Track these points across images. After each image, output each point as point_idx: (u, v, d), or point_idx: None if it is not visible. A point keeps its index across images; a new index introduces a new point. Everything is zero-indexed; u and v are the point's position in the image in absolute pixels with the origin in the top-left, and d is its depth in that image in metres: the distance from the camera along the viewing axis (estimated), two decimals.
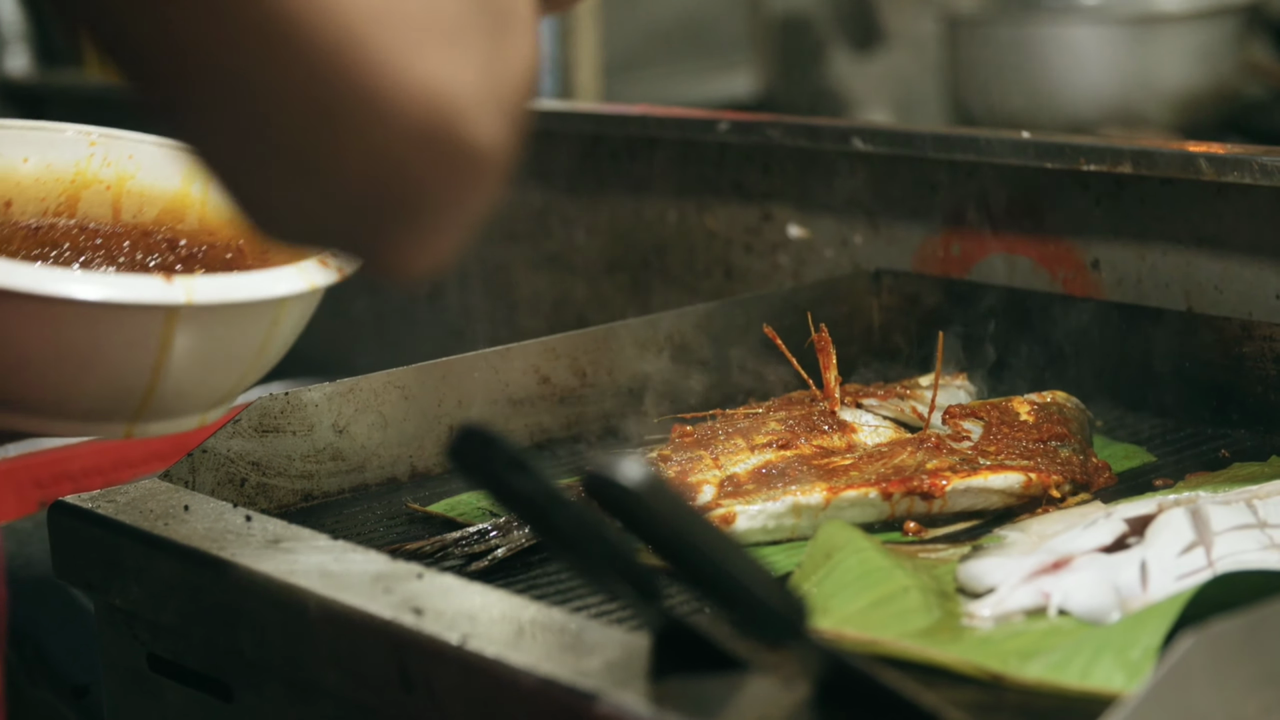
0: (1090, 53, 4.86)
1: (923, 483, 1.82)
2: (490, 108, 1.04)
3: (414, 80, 1.01)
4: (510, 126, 1.06)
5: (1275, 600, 1.34)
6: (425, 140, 1.01)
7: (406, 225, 1.05)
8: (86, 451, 2.72)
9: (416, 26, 1.02)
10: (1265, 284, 2.05)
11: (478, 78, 1.04)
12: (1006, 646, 1.53)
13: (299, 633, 1.58)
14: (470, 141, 1.03)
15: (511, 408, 2.10)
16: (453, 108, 1.02)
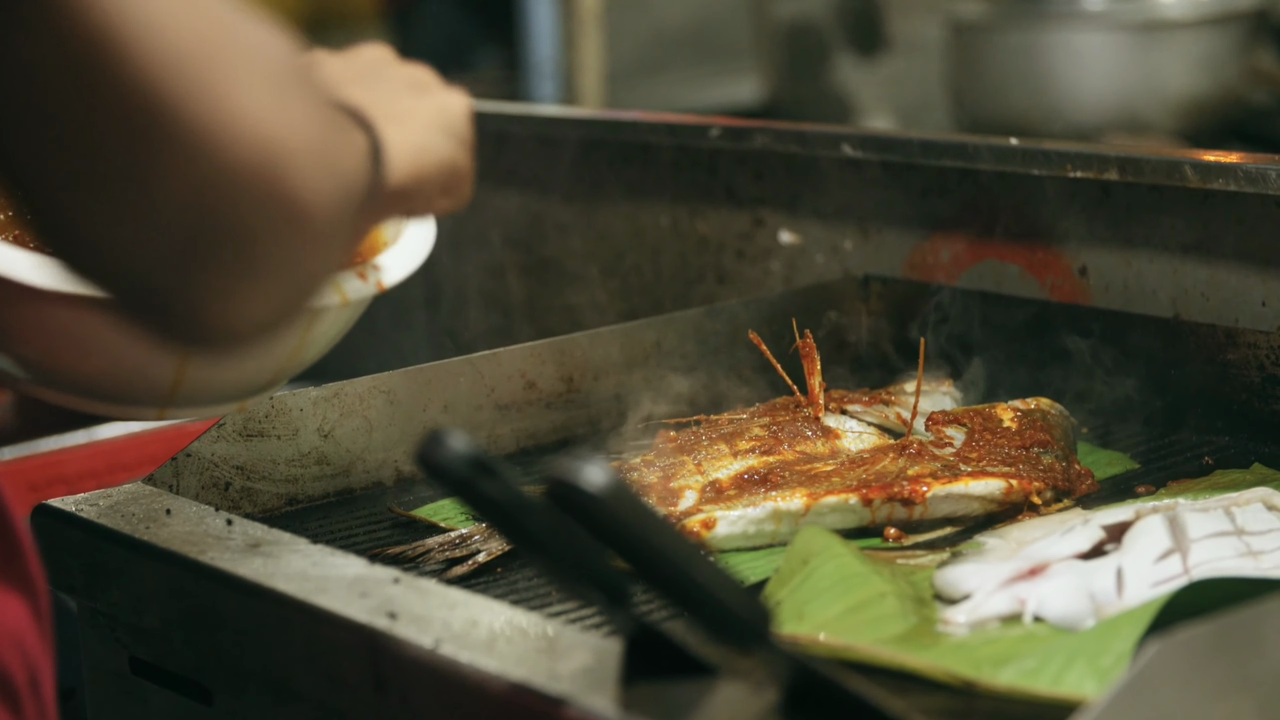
0: (1095, 59, 4.85)
1: (903, 489, 1.83)
2: (321, 167, 1.02)
3: (244, 120, 0.99)
4: (341, 190, 1.05)
5: (1245, 607, 1.34)
6: (249, 182, 0.99)
7: (221, 272, 1.02)
8: (81, 455, 2.72)
9: (254, 69, 1.01)
10: (1251, 291, 2.05)
11: (312, 133, 1.03)
12: (980, 653, 1.53)
13: (276, 636, 1.59)
14: (295, 192, 1.01)
15: (498, 413, 2.11)
16: (281, 154, 1.00)
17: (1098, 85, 4.84)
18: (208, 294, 1.03)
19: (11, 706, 1.28)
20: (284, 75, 1.04)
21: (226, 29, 1.02)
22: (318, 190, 1.03)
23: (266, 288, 1.04)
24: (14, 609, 1.30)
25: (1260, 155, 2.01)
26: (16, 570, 1.30)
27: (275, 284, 1.05)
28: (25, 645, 1.30)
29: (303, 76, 1.06)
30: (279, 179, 1.01)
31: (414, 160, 1.34)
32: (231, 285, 1.03)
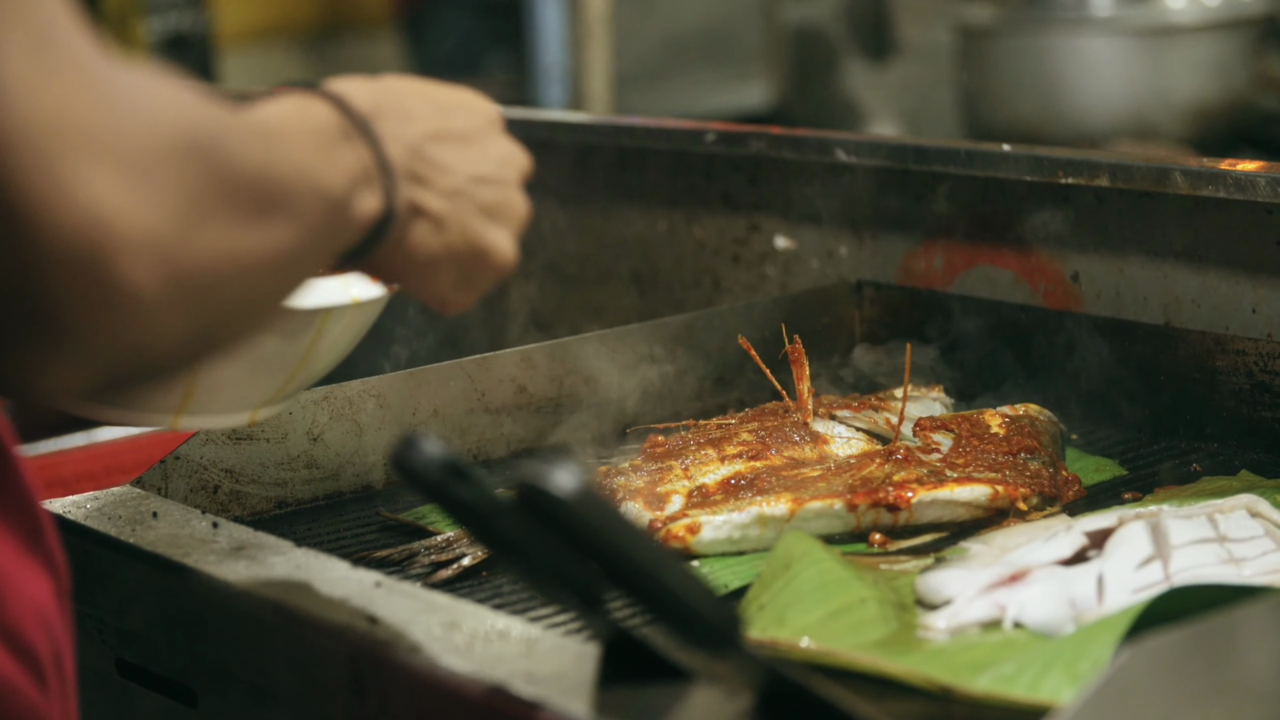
0: (1104, 64, 4.85)
1: (888, 494, 1.83)
2: (160, 252, 1.01)
3: (71, 202, 0.98)
4: (192, 280, 1.04)
5: (1218, 614, 1.34)
6: (68, 264, 0.98)
7: (30, 344, 1.02)
8: (78, 457, 2.73)
9: (94, 148, 1.00)
10: (1241, 298, 2.05)
11: (156, 219, 1.01)
12: (959, 659, 1.53)
13: (257, 639, 1.59)
14: (119, 279, 1.00)
15: (488, 417, 2.11)
16: (109, 240, 0.99)
17: (1106, 91, 4.84)
18: (15, 362, 1.03)
19: (37, 681, 1.30)
20: (145, 160, 1.02)
21: (89, 103, 1.01)
22: (149, 278, 1.02)
23: (79, 361, 1.04)
24: (38, 586, 1.33)
25: (1252, 162, 2.01)
26: (40, 549, 1.34)
27: (89, 359, 1.04)
28: (50, 622, 1.33)
29: (180, 151, 1.04)
30: (102, 268, 1.00)
31: (417, 262, 1.39)
32: (40, 358, 1.03)
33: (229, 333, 1.16)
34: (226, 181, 1.08)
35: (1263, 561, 1.64)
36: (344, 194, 1.26)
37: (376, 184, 1.31)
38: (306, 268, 1.23)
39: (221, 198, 1.08)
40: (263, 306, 1.19)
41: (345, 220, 1.27)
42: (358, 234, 1.31)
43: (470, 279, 1.44)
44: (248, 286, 1.13)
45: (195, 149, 1.06)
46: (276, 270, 1.16)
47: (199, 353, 1.14)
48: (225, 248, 1.08)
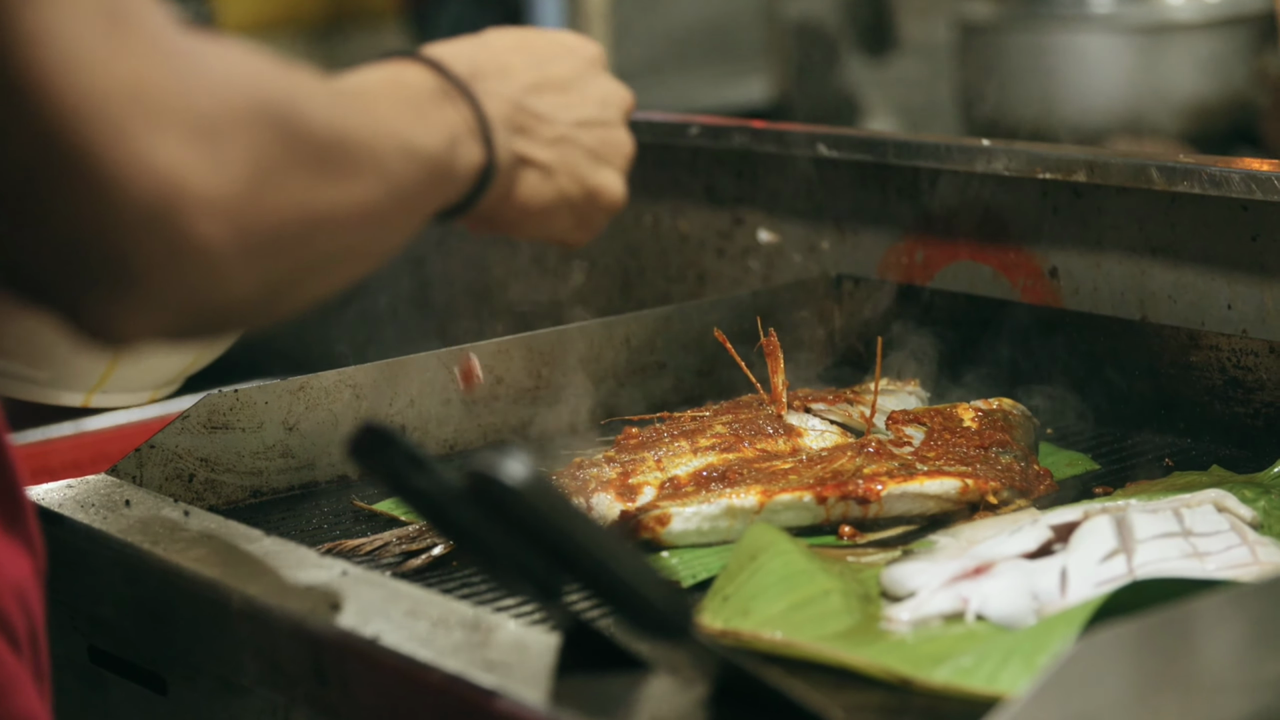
0: (1102, 61, 4.85)
1: (858, 487, 1.83)
2: (230, 211, 1.07)
3: (143, 165, 1.04)
4: (263, 237, 1.09)
5: (1171, 607, 1.34)
6: (141, 223, 1.04)
7: (105, 293, 1.06)
8: (66, 446, 2.73)
9: (165, 114, 1.05)
10: (1217, 294, 2.05)
11: (226, 179, 1.07)
12: (919, 651, 1.53)
13: (223, 627, 1.60)
14: (190, 236, 1.06)
15: (465, 408, 2.12)
16: (180, 200, 1.05)
17: (1105, 88, 4.84)
18: (91, 309, 1.08)
19: (14, 651, 1.35)
20: (212, 124, 1.07)
21: (160, 71, 1.06)
22: (222, 235, 1.07)
23: (151, 310, 1.08)
24: (18, 564, 1.37)
25: (1226, 158, 2.01)
26: (21, 530, 1.38)
27: (161, 308, 1.09)
28: (27, 600, 1.37)
29: (251, 114, 1.09)
30: (173, 222, 1.05)
31: (529, 209, 1.48)
32: (114, 306, 1.08)
33: (317, 286, 1.21)
34: (300, 142, 1.13)
35: (1227, 556, 1.65)
36: (441, 152, 1.32)
37: (477, 139, 1.38)
38: (400, 224, 1.28)
39: (294, 158, 1.13)
40: (355, 261, 1.24)
41: (444, 177, 1.34)
42: (461, 189, 1.38)
43: (585, 220, 1.54)
44: (328, 243, 1.18)
45: (266, 111, 1.11)
46: (362, 227, 1.21)
47: (286, 305, 1.19)
48: (297, 206, 1.13)
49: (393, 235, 1.29)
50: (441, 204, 1.37)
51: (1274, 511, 1.77)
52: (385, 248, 1.29)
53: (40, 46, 1.02)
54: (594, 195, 1.53)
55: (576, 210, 1.53)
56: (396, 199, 1.25)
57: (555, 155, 1.49)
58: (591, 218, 1.55)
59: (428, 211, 1.35)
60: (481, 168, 1.39)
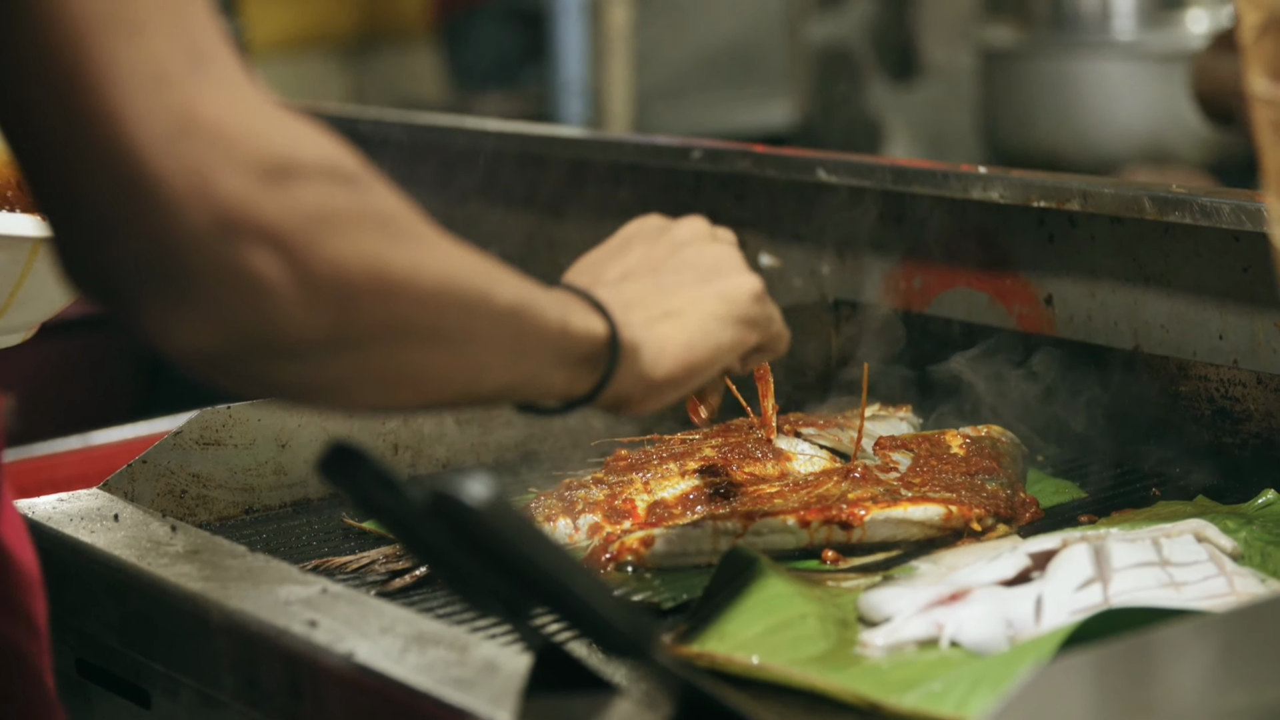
0: (1124, 89, 4.86)
1: (841, 512, 1.84)
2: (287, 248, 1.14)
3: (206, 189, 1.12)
4: (327, 284, 1.16)
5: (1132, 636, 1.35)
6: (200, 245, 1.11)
7: (164, 305, 1.14)
8: (74, 459, 2.76)
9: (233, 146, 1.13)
10: (1208, 324, 2.06)
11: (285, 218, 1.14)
12: (891, 676, 1.54)
13: (202, 641, 1.62)
14: (245, 265, 1.13)
15: (458, 427, 2.13)
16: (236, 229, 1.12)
17: (1126, 115, 4.85)
18: (151, 319, 1.15)
19: (35, 642, 1.45)
20: (283, 163, 1.14)
21: (229, 109, 1.13)
22: (278, 267, 1.14)
23: (206, 328, 1.15)
24: (31, 558, 1.48)
25: (1218, 189, 2.02)
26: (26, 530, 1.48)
27: (215, 329, 1.15)
28: (38, 595, 1.49)
29: (319, 169, 1.16)
30: (229, 249, 1.12)
31: (684, 355, 1.53)
32: (172, 319, 1.15)
33: (400, 373, 1.25)
34: (368, 205, 1.20)
35: (1203, 586, 1.65)
36: (541, 299, 1.37)
37: (588, 309, 1.44)
38: (495, 348, 1.33)
39: (361, 216, 1.19)
40: (442, 364, 1.28)
41: (549, 321, 1.37)
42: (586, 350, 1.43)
43: (747, 321, 1.59)
44: (406, 319, 1.22)
45: (337, 170, 1.18)
46: (440, 317, 1.25)
47: (369, 380, 1.24)
48: (365, 263, 1.18)
49: (485, 350, 1.32)
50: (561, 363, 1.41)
51: (1255, 543, 1.77)
52: (477, 371, 1.32)
53: (119, 74, 1.10)
54: (731, 306, 1.58)
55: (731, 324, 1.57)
56: (479, 299, 1.28)
57: (672, 301, 1.56)
58: (751, 316, 1.60)
59: (536, 357, 1.38)
60: (606, 338, 1.44)
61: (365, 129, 3.13)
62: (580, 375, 1.45)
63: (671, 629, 1.65)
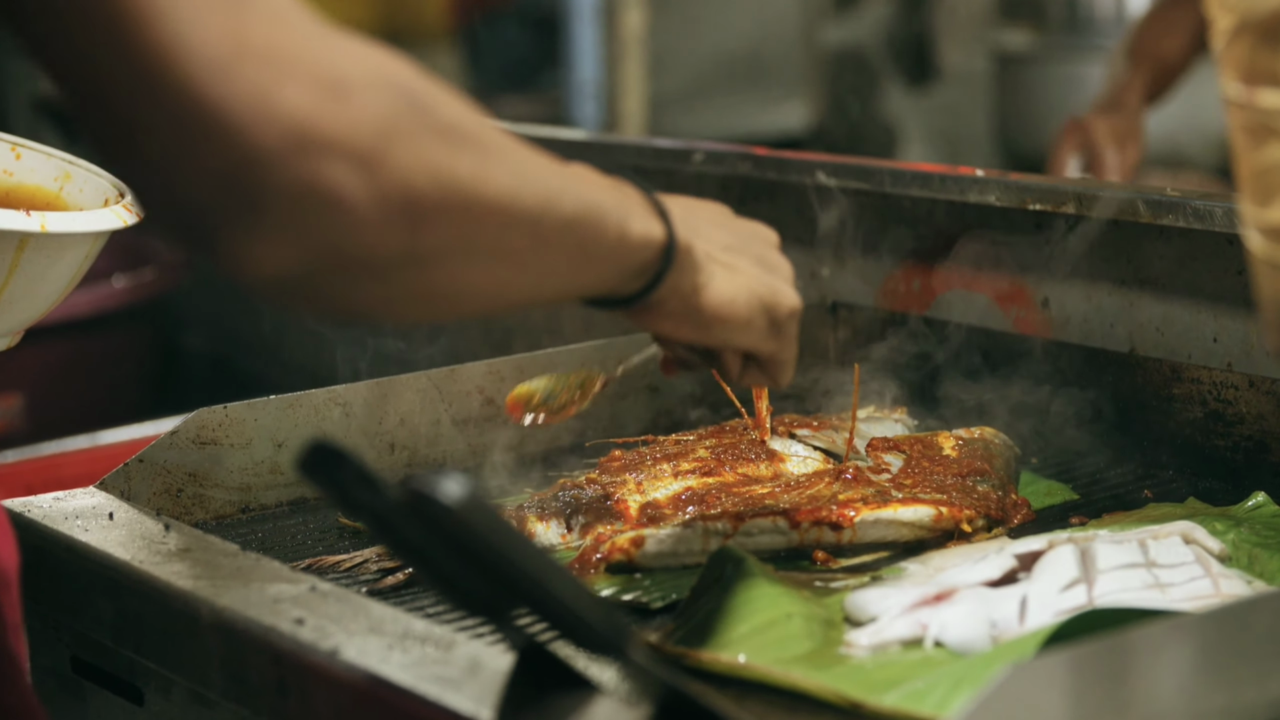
0: None
1: (831, 513, 1.85)
2: (361, 159, 1.15)
3: (270, 110, 1.13)
4: (399, 194, 1.18)
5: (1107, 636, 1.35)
6: (272, 163, 1.13)
7: (242, 231, 1.15)
8: (79, 459, 2.77)
9: (291, 67, 1.14)
10: (1203, 326, 2.06)
11: (354, 129, 1.15)
12: (874, 676, 1.55)
13: (193, 639, 1.63)
14: (320, 178, 1.15)
15: (454, 428, 2.14)
16: (308, 142, 1.14)
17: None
18: (229, 245, 1.16)
19: (5, 638, 1.46)
20: (343, 78, 1.16)
21: (279, 35, 1.15)
22: (354, 179, 1.16)
23: (286, 249, 1.17)
24: (8, 554, 1.49)
25: (1212, 192, 2.02)
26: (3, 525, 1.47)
27: (294, 248, 1.17)
28: (11, 593, 1.50)
29: (380, 83, 1.17)
30: (302, 163, 1.14)
31: (725, 303, 1.55)
32: (253, 244, 1.16)
33: (465, 281, 1.28)
34: (429, 115, 1.21)
35: (1189, 588, 1.66)
36: (603, 200, 1.39)
37: (653, 216, 1.46)
38: (556, 251, 1.35)
39: (424, 126, 1.20)
40: (507, 271, 1.31)
41: (609, 227, 1.40)
42: (640, 258, 1.45)
43: (776, 325, 1.60)
44: (472, 230, 1.25)
45: (394, 82, 1.19)
46: (507, 227, 1.27)
47: (438, 290, 1.27)
48: (433, 173, 1.20)
49: (547, 261, 1.34)
50: (617, 268, 1.43)
51: (1243, 545, 1.77)
52: (540, 281, 1.35)
53: (165, 6, 1.11)
54: (775, 297, 1.59)
55: (767, 311, 1.58)
56: (543, 210, 1.31)
57: (731, 257, 1.57)
58: (781, 323, 1.61)
59: (596, 265, 1.41)
60: (663, 243, 1.46)
61: None
62: (632, 278, 1.47)
63: (659, 628, 1.66)
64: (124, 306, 3.43)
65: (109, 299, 3.39)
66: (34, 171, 1.89)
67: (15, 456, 2.74)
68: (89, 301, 3.29)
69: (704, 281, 1.54)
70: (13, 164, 1.88)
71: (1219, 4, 1.24)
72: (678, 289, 1.51)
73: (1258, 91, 1.24)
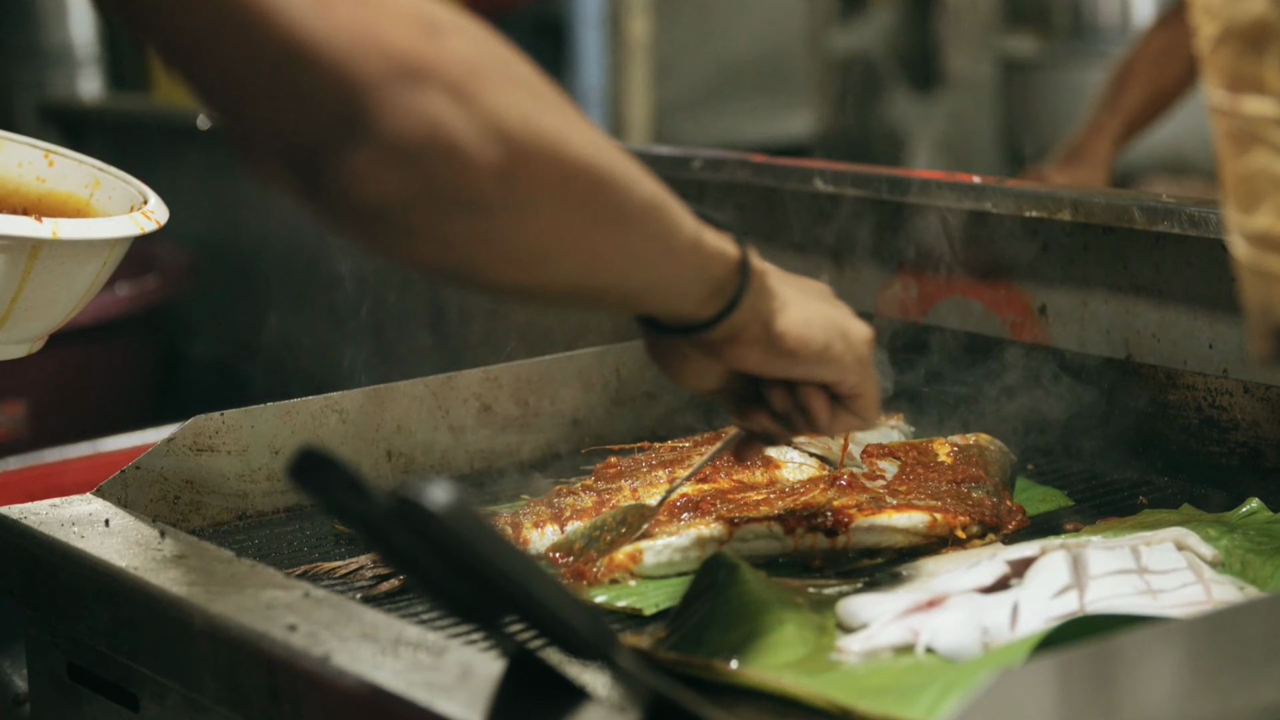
0: None
1: (826, 519, 1.85)
2: (453, 86, 1.20)
3: (378, 47, 1.19)
4: (492, 125, 1.22)
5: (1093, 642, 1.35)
6: (379, 82, 1.18)
7: (347, 152, 1.20)
8: (81, 466, 2.78)
9: (383, 11, 1.20)
10: (1198, 333, 2.06)
11: (450, 58, 1.21)
12: (865, 682, 1.55)
13: (186, 645, 1.63)
14: (418, 99, 1.20)
15: (452, 435, 2.15)
16: (413, 72, 1.19)
17: None
18: (338, 171, 1.21)
19: None
20: (431, 21, 1.22)
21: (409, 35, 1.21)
22: (453, 108, 1.21)
23: (390, 170, 1.22)
24: None
25: (1208, 199, 2.02)
26: None
27: (399, 169, 1.22)
28: None
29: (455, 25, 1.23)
30: (404, 88, 1.20)
31: (803, 327, 1.58)
32: (356, 163, 1.21)
33: (557, 240, 1.33)
34: (521, 74, 1.27)
35: (1180, 594, 1.66)
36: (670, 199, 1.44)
37: (729, 240, 1.53)
38: (641, 239, 1.40)
39: (513, 76, 1.26)
40: (589, 233, 1.35)
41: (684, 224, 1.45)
42: (717, 272, 1.50)
43: (855, 356, 1.63)
44: (561, 179, 1.28)
45: (478, 34, 1.25)
46: (590, 190, 1.32)
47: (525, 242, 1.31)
48: (520, 115, 1.24)
49: (632, 240, 1.39)
50: (696, 275, 1.48)
51: (1236, 551, 1.77)
52: (628, 258, 1.40)
53: None
54: (848, 323, 1.63)
55: (843, 337, 1.61)
56: (624, 185, 1.35)
57: (797, 290, 1.61)
58: (859, 353, 1.63)
59: (675, 261, 1.45)
60: (737, 261, 1.51)
61: None
62: (709, 297, 1.50)
63: (653, 634, 1.66)
64: (128, 314, 3.44)
65: (113, 306, 3.40)
66: (66, 179, 1.90)
67: (18, 464, 2.75)
68: (93, 309, 3.29)
69: (779, 307, 1.57)
70: (46, 171, 1.89)
71: (1203, 11, 1.24)
72: (756, 313, 1.54)
73: (1241, 98, 1.24)
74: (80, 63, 4.53)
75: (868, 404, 1.67)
